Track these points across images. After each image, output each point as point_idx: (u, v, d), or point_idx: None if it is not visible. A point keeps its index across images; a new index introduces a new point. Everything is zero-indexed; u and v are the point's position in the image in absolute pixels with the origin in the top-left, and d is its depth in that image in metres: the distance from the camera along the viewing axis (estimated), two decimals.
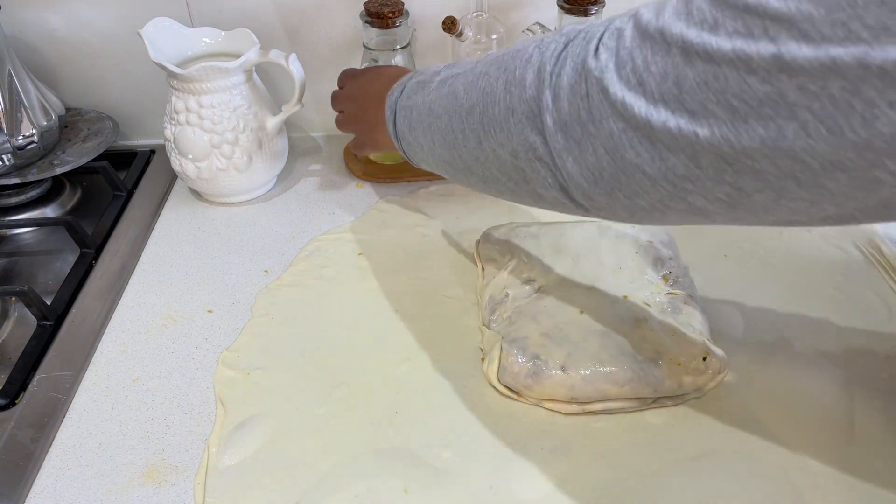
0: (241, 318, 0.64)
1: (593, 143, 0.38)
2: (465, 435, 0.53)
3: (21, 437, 0.54)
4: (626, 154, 0.36)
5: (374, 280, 0.67)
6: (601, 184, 0.39)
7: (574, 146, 0.39)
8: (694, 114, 0.32)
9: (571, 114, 0.38)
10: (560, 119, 0.39)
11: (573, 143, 0.39)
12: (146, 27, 0.71)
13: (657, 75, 0.34)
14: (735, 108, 0.31)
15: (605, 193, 0.40)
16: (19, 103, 0.76)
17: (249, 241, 0.73)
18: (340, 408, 0.55)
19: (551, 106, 0.39)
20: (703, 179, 0.34)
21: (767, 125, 0.30)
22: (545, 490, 0.49)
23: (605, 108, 0.36)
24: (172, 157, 0.76)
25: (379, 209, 0.77)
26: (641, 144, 0.35)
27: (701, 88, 0.32)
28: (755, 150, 0.31)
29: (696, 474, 0.50)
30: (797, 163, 0.30)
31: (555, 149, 0.40)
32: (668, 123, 0.34)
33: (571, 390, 0.53)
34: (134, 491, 0.50)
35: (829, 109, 0.28)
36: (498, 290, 0.60)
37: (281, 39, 0.83)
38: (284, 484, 0.50)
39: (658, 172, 0.36)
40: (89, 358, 0.61)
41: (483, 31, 0.76)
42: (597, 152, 0.38)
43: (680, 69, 0.33)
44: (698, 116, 0.32)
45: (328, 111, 0.88)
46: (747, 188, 0.33)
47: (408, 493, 0.49)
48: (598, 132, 0.37)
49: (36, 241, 0.78)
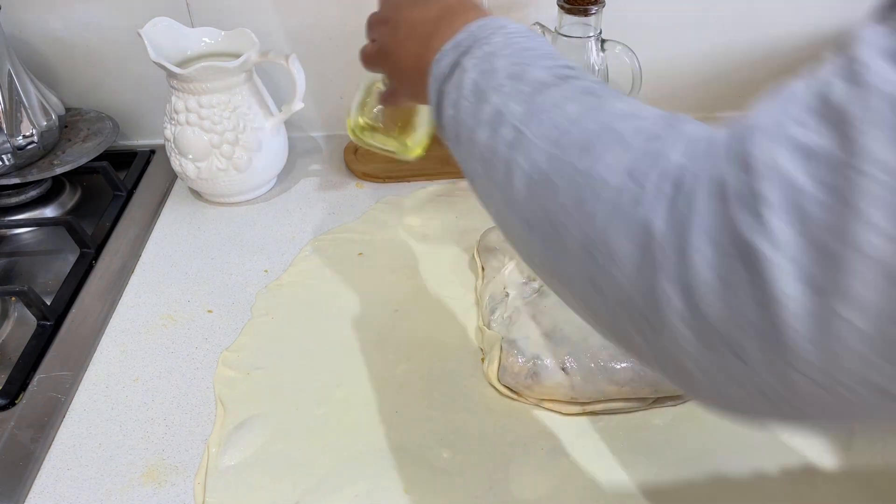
0: (241, 318, 0.64)
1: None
2: (465, 435, 0.53)
3: (21, 437, 0.54)
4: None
5: (374, 280, 0.67)
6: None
7: (723, 366, 0.24)
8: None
9: (723, 318, 0.23)
10: (703, 327, 0.24)
11: (722, 361, 0.24)
12: (146, 27, 0.71)
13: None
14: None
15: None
16: (19, 103, 0.76)
17: (249, 241, 0.73)
18: (340, 408, 0.55)
19: (683, 310, 0.24)
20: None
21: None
22: (545, 490, 0.49)
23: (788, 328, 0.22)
24: (172, 157, 0.76)
25: (379, 209, 0.77)
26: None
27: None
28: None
29: (696, 474, 0.50)
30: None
31: (694, 362, 0.25)
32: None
33: (571, 390, 0.53)
34: (134, 491, 0.50)
35: None
36: (498, 290, 0.60)
37: (281, 39, 0.83)
38: (284, 484, 0.50)
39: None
40: (89, 358, 0.61)
41: None
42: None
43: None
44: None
45: (328, 111, 0.89)
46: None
47: (408, 493, 0.49)
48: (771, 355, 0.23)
49: (36, 241, 0.78)
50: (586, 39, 0.76)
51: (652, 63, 0.81)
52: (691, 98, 0.86)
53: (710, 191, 0.24)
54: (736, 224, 0.23)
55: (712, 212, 0.24)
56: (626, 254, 0.26)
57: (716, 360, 0.24)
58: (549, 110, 0.33)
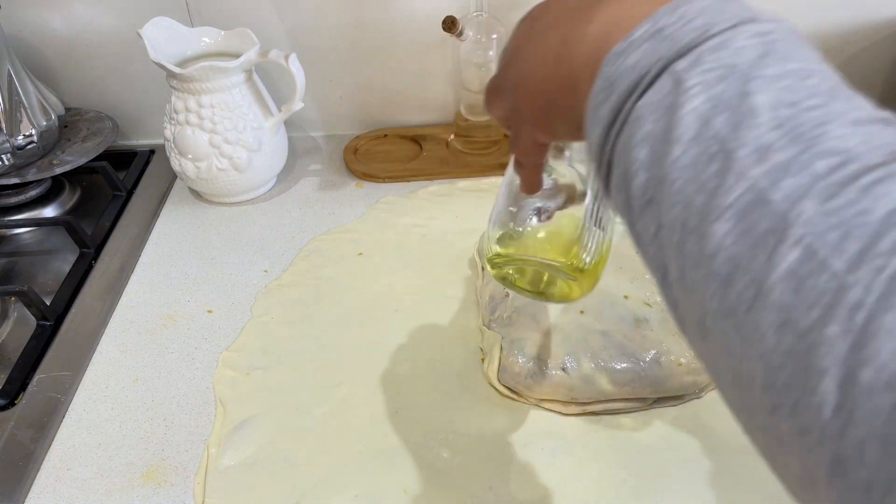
0: (241, 318, 0.64)
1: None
2: (465, 435, 0.53)
3: (21, 437, 0.54)
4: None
5: (374, 280, 0.67)
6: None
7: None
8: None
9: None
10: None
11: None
12: (146, 27, 0.71)
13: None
14: None
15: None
16: (19, 103, 0.76)
17: (249, 241, 0.73)
18: (340, 408, 0.55)
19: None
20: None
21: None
22: (545, 490, 0.49)
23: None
24: (172, 157, 0.76)
25: (379, 209, 0.77)
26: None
27: None
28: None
29: (696, 474, 0.50)
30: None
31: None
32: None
33: (571, 391, 0.53)
34: (133, 491, 0.50)
35: None
36: (498, 290, 0.60)
37: (281, 39, 0.83)
38: (284, 484, 0.50)
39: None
40: (89, 358, 0.61)
41: (483, 30, 0.76)
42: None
43: None
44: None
45: (328, 111, 0.89)
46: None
47: (408, 493, 0.49)
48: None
49: (35, 241, 0.78)
50: None
51: None
52: None
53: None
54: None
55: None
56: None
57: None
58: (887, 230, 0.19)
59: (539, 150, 0.37)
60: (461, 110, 0.82)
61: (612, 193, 0.27)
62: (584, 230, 0.45)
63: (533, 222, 0.46)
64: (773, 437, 0.22)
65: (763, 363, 0.21)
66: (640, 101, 0.24)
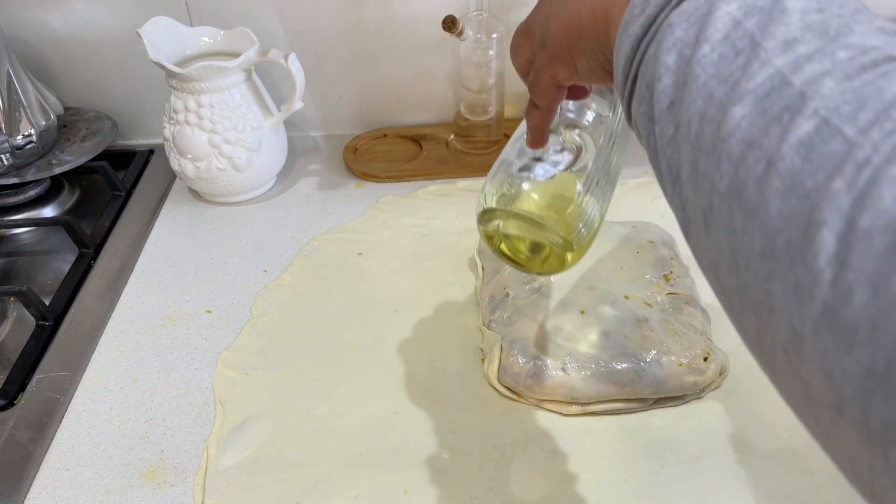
0: (241, 318, 0.64)
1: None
2: (465, 435, 0.53)
3: (20, 438, 0.54)
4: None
5: (374, 280, 0.67)
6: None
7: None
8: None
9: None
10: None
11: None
12: (145, 26, 0.71)
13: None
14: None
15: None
16: (18, 103, 0.76)
17: (249, 241, 0.73)
18: (340, 408, 0.55)
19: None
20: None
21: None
22: (545, 491, 0.49)
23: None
24: (171, 157, 0.76)
25: (379, 209, 0.77)
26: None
27: None
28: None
29: (697, 474, 0.50)
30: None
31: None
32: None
33: (572, 391, 0.53)
34: (133, 491, 0.50)
35: None
36: (498, 290, 0.60)
37: (281, 39, 0.83)
38: (284, 484, 0.50)
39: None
40: (88, 358, 0.61)
41: (483, 29, 0.76)
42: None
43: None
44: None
45: (328, 111, 0.89)
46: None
47: (407, 494, 0.49)
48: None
49: (35, 241, 0.78)
50: None
51: None
52: None
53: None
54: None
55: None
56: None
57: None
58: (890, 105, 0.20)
59: (556, 92, 0.39)
60: (461, 110, 0.82)
61: (634, 109, 0.29)
62: (583, 197, 0.45)
63: (534, 176, 0.46)
64: (765, 309, 0.23)
65: (763, 232, 0.22)
66: (675, 11, 0.26)
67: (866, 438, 0.20)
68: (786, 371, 0.23)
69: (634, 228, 0.65)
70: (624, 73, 0.29)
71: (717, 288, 0.27)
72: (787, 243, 0.21)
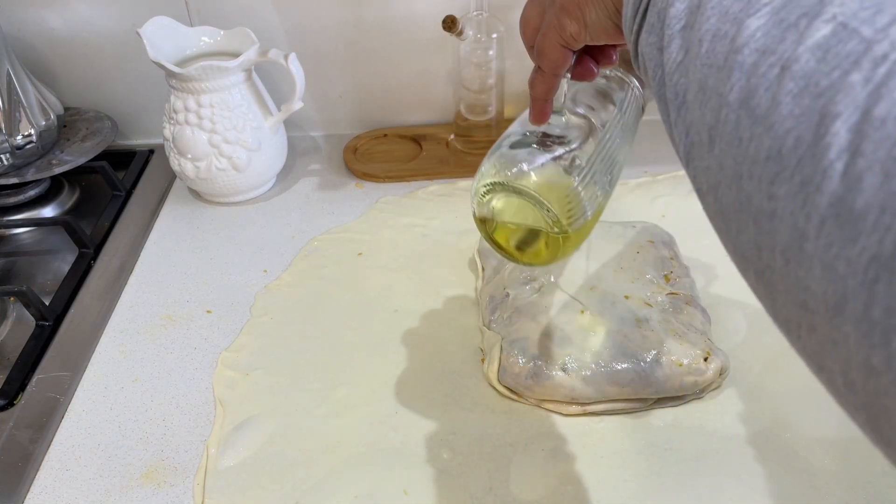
0: (241, 318, 0.64)
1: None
2: (465, 435, 0.53)
3: (20, 438, 0.54)
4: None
5: (374, 280, 0.67)
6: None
7: None
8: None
9: None
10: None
11: None
12: (145, 26, 0.71)
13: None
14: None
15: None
16: (18, 103, 0.76)
17: (249, 241, 0.73)
18: (340, 408, 0.55)
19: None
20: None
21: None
22: (545, 491, 0.49)
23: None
24: (171, 157, 0.76)
25: (379, 209, 0.77)
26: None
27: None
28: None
29: (697, 474, 0.50)
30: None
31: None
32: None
33: (572, 391, 0.53)
34: (133, 492, 0.50)
35: None
36: (498, 290, 0.60)
37: (281, 39, 0.83)
38: (284, 485, 0.50)
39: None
40: (88, 358, 0.61)
41: (483, 29, 0.76)
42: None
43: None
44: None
45: (328, 111, 0.89)
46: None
47: (408, 494, 0.49)
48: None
49: (34, 241, 0.78)
50: None
51: None
52: None
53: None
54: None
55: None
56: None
57: None
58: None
59: (563, 54, 0.40)
60: (461, 110, 0.82)
61: (642, 41, 0.30)
62: (583, 182, 0.44)
63: (534, 156, 0.45)
64: (766, 215, 0.23)
65: (772, 134, 0.22)
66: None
67: (866, 332, 0.19)
68: (782, 282, 0.23)
69: (634, 228, 0.65)
70: (634, 7, 0.30)
71: (716, 209, 0.26)
72: (795, 142, 0.21)
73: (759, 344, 0.59)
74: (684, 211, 0.74)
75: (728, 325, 0.60)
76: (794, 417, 0.53)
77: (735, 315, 0.61)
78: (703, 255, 0.67)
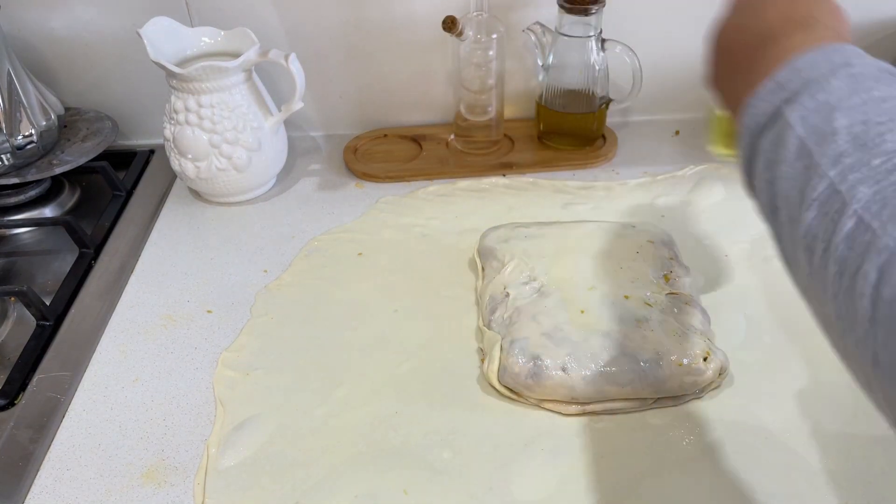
0: (241, 318, 0.64)
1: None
2: (465, 435, 0.53)
3: (20, 438, 0.54)
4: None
5: (374, 280, 0.67)
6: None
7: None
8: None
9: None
10: None
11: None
12: (146, 27, 0.71)
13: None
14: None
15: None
16: (18, 103, 0.76)
17: (249, 241, 0.73)
18: (340, 408, 0.55)
19: None
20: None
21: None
22: (545, 491, 0.49)
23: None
24: (172, 157, 0.76)
25: (379, 209, 0.77)
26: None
27: None
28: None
29: (696, 474, 0.50)
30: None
31: None
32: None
33: (572, 391, 0.53)
34: (133, 491, 0.50)
35: None
36: (498, 290, 0.60)
37: (281, 39, 0.83)
38: (284, 484, 0.50)
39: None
40: (88, 358, 0.61)
41: (483, 30, 0.76)
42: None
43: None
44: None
45: (328, 111, 0.89)
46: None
47: (408, 494, 0.49)
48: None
49: (35, 241, 0.78)
50: (587, 39, 0.76)
51: (652, 63, 0.81)
52: (691, 98, 0.86)
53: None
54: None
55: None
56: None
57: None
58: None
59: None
60: (461, 110, 0.82)
61: (754, 187, 0.36)
62: None
63: None
64: (842, 357, 0.32)
65: (834, 303, 0.29)
66: (763, 137, 0.33)
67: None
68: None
69: (634, 228, 0.65)
70: (746, 164, 0.36)
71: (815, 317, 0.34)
72: (845, 308, 0.29)
73: (759, 344, 0.59)
74: (684, 211, 0.74)
75: (728, 325, 0.60)
76: (793, 417, 0.53)
77: (735, 315, 0.61)
78: (703, 255, 0.67)
